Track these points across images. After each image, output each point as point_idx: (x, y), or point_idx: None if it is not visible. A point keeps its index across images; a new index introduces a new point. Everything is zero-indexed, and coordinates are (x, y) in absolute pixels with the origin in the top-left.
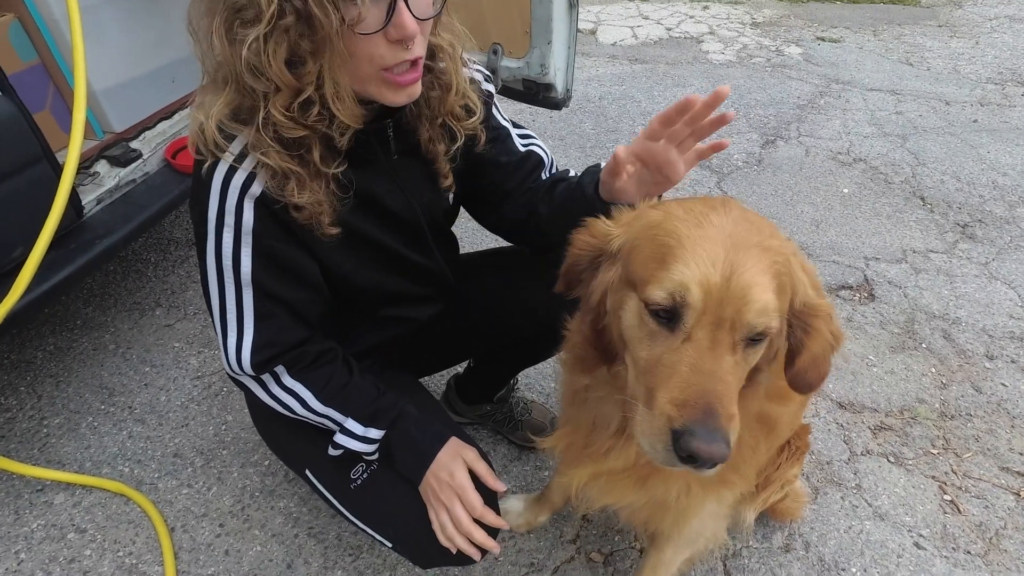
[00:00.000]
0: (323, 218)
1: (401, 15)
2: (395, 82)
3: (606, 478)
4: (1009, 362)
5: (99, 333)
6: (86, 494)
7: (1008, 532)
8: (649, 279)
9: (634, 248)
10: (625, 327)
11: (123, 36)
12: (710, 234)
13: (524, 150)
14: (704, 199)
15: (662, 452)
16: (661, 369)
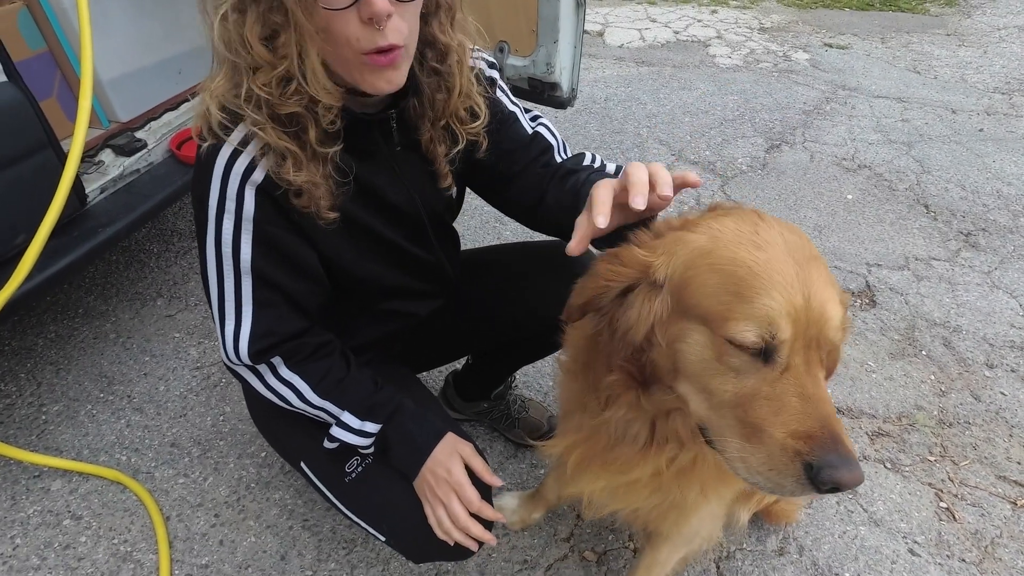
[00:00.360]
0: (321, 202)
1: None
2: (373, 64)
3: (625, 487)
4: (1009, 371)
5: (100, 322)
6: (83, 481)
7: (1004, 541)
8: (728, 314)
9: (690, 279)
10: (690, 361)
11: (131, 26)
12: (773, 255)
13: (531, 132)
14: (734, 212)
15: (791, 485)
16: (763, 403)
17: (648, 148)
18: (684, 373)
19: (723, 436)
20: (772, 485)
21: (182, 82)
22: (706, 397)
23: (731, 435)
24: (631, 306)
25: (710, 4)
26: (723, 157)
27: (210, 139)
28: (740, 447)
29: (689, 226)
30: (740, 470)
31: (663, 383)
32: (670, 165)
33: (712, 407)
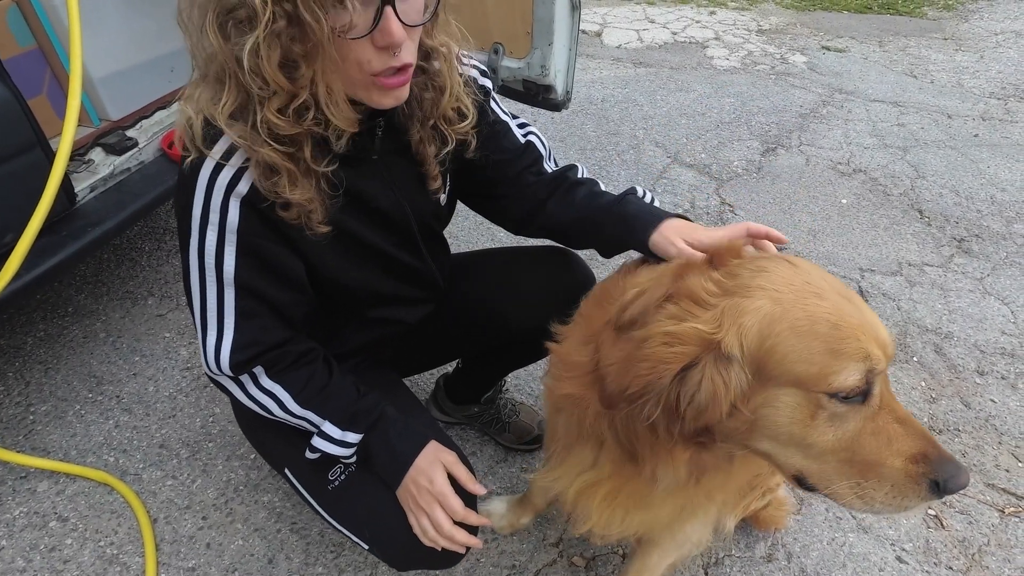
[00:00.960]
0: (313, 216)
1: (388, 21)
2: (383, 85)
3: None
4: (999, 378)
5: (90, 321)
6: (70, 482)
7: (991, 549)
8: (826, 371)
9: (773, 349)
10: (779, 423)
11: (122, 23)
12: (834, 300)
13: (523, 141)
14: (767, 263)
15: (915, 503)
16: (870, 439)
17: (644, 150)
18: (769, 434)
19: (830, 481)
20: (895, 509)
21: (174, 80)
22: (801, 450)
23: (840, 478)
24: (698, 383)
25: (708, 5)
26: (719, 160)
27: (193, 151)
28: (855, 486)
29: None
30: (856, 505)
31: (731, 443)
32: (665, 168)
33: (810, 457)
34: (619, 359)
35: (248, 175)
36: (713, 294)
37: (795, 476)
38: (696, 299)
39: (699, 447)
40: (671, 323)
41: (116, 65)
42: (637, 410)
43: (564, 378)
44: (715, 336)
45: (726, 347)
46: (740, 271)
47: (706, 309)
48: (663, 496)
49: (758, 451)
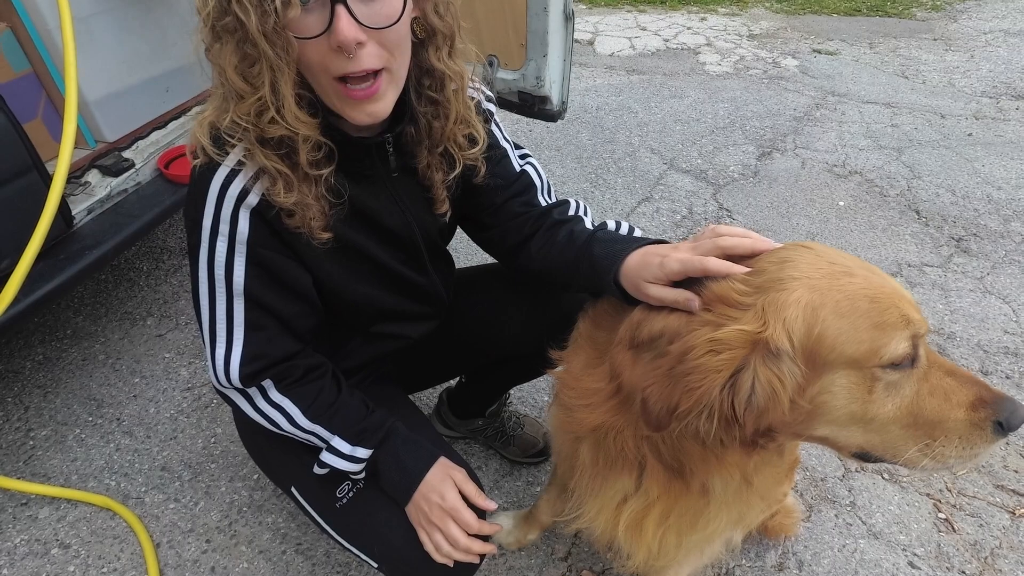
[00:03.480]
0: (313, 223)
1: (338, 19)
2: (349, 96)
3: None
4: (1004, 378)
5: (89, 343)
6: (71, 508)
7: (1003, 551)
8: (876, 343)
9: (822, 335)
10: (838, 406)
11: (117, 45)
12: (862, 274)
13: (519, 169)
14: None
15: (985, 447)
16: (928, 399)
17: (640, 157)
18: (829, 419)
19: (896, 449)
20: (968, 459)
21: (169, 100)
22: (862, 426)
23: (908, 443)
24: (751, 386)
25: (699, 11)
26: (715, 165)
27: (203, 159)
28: (925, 448)
29: (768, 287)
30: (930, 466)
31: (785, 435)
32: (662, 174)
33: (873, 431)
34: (658, 378)
35: (258, 187)
36: (746, 294)
37: (857, 453)
38: (730, 302)
39: (755, 448)
40: (711, 329)
41: (111, 87)
42: (689, 426)
43: (583, 407)
44: (762, 334)
45: (775, 343)
46: (764, 266)
47: (744, 310)
48: (717, 508)
49: (816, 437)
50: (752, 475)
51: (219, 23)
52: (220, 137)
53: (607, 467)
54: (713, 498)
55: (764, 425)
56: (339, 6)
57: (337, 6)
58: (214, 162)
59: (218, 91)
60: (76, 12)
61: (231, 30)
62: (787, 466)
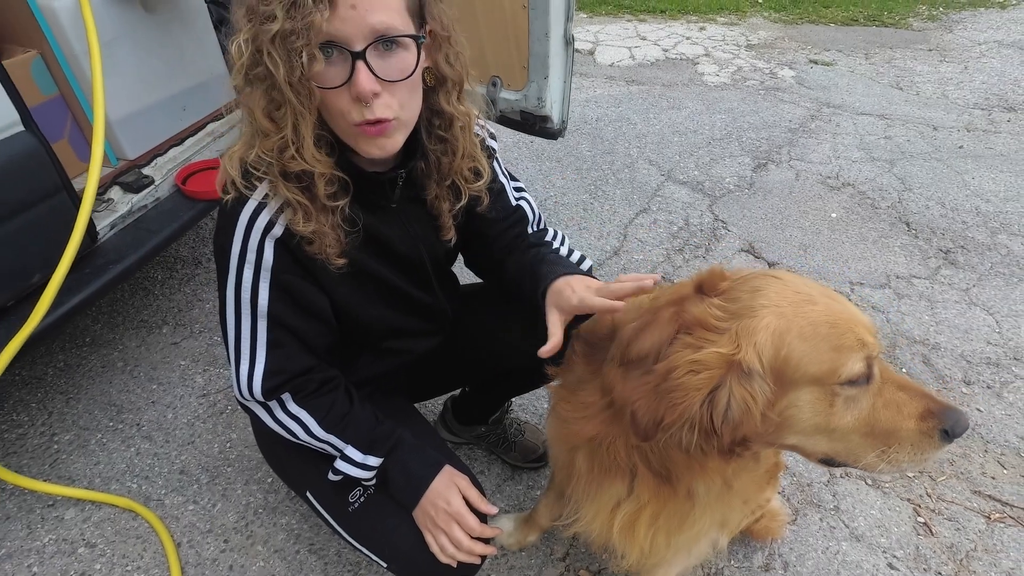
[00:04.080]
0: (329, 250)
1: (358, 74)
2: (365, 132)
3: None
4: (985, 387)
5: (107, 350)
6: (96, 509)
7: (978, 554)
8: (835, 364)
9: (788, 357)
10: (804, 419)
11: (137, 67)
12: (823, 302)
13: (515, 204)
14: (756, 281)
15: (933, 453)
16: (883, 411)
17: (638, 169)
18: (796, 430)
19: (856, 455)
20: (919, 464)
21: (186, 118)
22: (827, 436)
23: (866, 451)
24: (727, 402)
25: (699, 21)
26: (711, 177)
27: (233, 193)
28: (881, 454)
29: (741, 313)
30: (885, 469)
31: (759, 444)
32: (659, 186)
33: (836, 440)
34: (645, 393)
35: (283, 219)
36: (722, 319)
37: (822, 459)
38: (708, 327)
39: (732, 456)
40: (692, 351)
41: (131, 107)
42: (673, 436)
43: (579, 419)
44: (736, 356)
45: (747, 364)
46: (738, 294)
47: (720, 334)
48: (702, 510)
49: (786, 445)
50: (731, 480)
51: (251, 71)
52: (248, 172)
53: (601, 474)
54: (698, 501)
55: (739, 436)
56: (359, 61)
57: (358, 61)
58: (243, 196)
59: (247, 129)
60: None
61: (261, 78)
62: (765, 472)
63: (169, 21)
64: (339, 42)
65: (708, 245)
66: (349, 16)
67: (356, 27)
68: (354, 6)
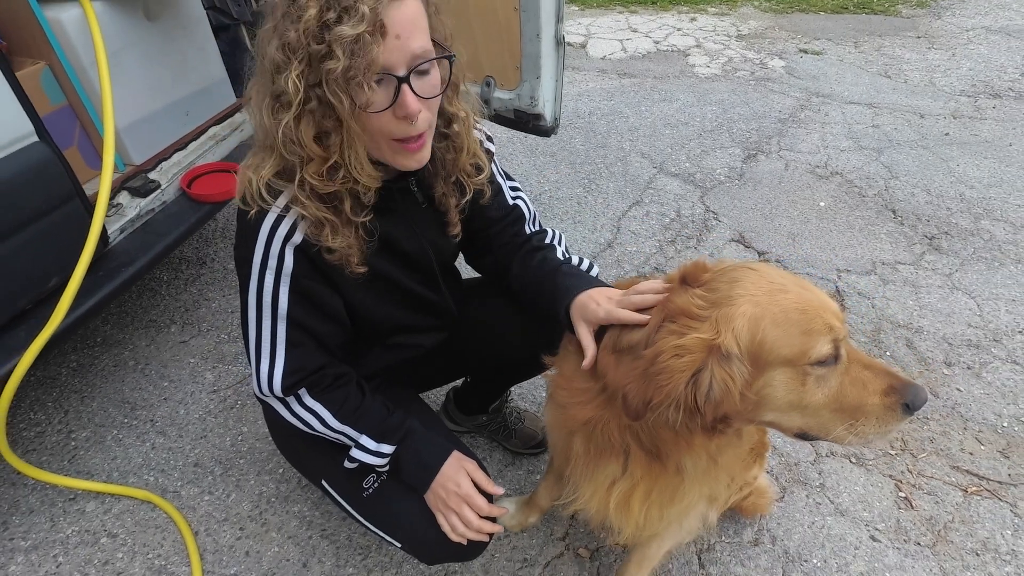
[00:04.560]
0: (352, 259)
1: (404, 96)
2: (405, 150)
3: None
4: (965, 368)
5: (119, 350)
6: (115, 502)
7: (955, 525)
8: (805, 347)
9: (763, 341)
10: (779, 397)
11: (143, 74)
12: (794, 290)
13: (512, 203)
14: (734, 273)
15: (896, 424)
16: (850, 388)
17: (631, 162)
18: (772, 407)
19: (828, 429)
20: (883, 435)
21: (189, 122)
22: (800, 412)
23: (835, 425)
24: (709, 383)
25: (689, 11)
26: (702, 168)
27: (254, 206)
28: (849, 427)
29: (720, 302)
30: (853, 441)
31: (739, 421)
32: (652, 178)
33: (808, 415)
34: (636, 377)
35: (302, 227)
36: (703, 308)
37: (797, 434)
38: (690, 315)
39: (715, 433)
40: (676, 338)
41: (137, 113)
42: (661, 416)
43: (575, 404)
44: (716, 341)
45: (726, 348)
46: (718, 285)
47: (701, 321)
48: (691, 484)
49: (764, 422)
50: (716, 455)
51: (305, 105)
52: (272, 189)
53: (597, 455)
54: (687, 475)
55: (721, 413)
56: (404, 84)
57: (403, 85)
58: (263, 208)
59: (271, 151)
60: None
61: (312, 111)
62: (750, 450)
63: (171, 29)
64: (388, 70)
65: (700, 236)
66: (395, 46)
67: (401, 55)
68: (399, 36)
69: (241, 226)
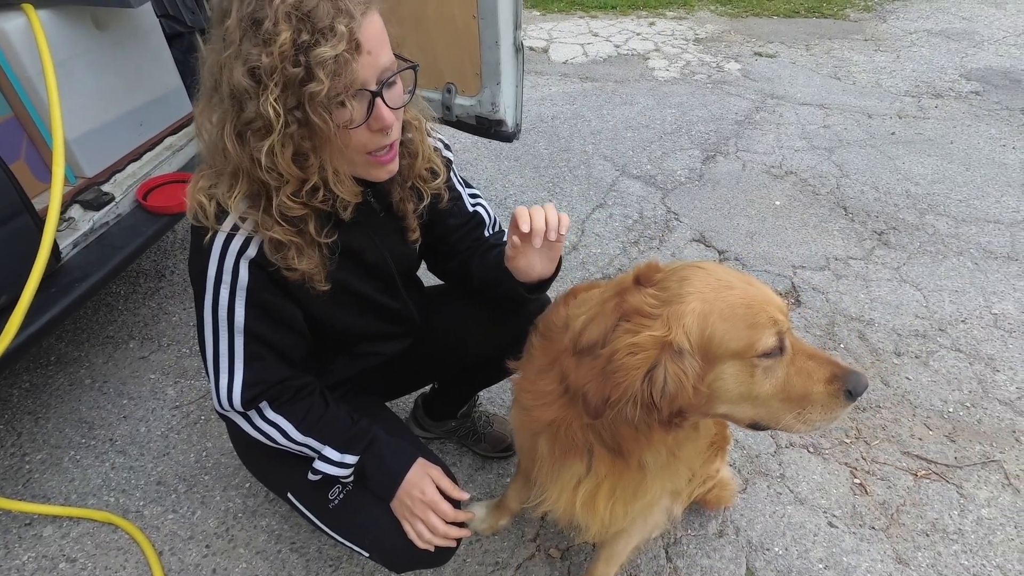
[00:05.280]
0: (316, 279)
1: (379, 110)
2: (378, 162)
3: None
4: (913, 357)
5: (74, 368)
6: (74, 525)
7: (907, 508)
8: (751, 339)
9: (711, 335)
10: (729, 389)
11: (93, 84)
12: (740, 287)
13: (472, 210)
14: (683, 272)
15: (840, 410)
16: (795, 378)
17: (594, 165)
18: (724, 399)
19: (777, 418)
20: (829, 421)
21: (143, 133)
22: (751, 403)
23: (784, 413)
24: (663, 378)
25: (648, 16)
26: (663, 170)
27: (210, 229)
28: (797, 415)
29: (671, 300)
30: (801, 428)
31: (694, 415)
32: (614, 181)
33: (758, 406)
34: (594, 375)
35: (256, 241)
36: (655, 306)
37: (750, 424)
38: (643, 313)
39: (672, 427)
40: (631, 336)
41: (88, 124)
42: (620, 412)
43: (539, 406)
44: (668, 338)
45: (677, 344)
46: (669, 283)
47: (654, 319)
48: (653, 479)
49: (718, 414)
50: (675, 449)
51: (285, 131)
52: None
53: (562, 456)
54: (648, 471)
55: (676, 408)
56: (378, 98)
57: (376, 99)
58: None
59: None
60: (55, 56)
61: (291, 134)
62: (710, 444)
63: (122, 38)
64: (363, 86)
65: (662, 237)
66: (368, 62)
67: (373, 70)
68: (370, 52)
69: (195, 242)
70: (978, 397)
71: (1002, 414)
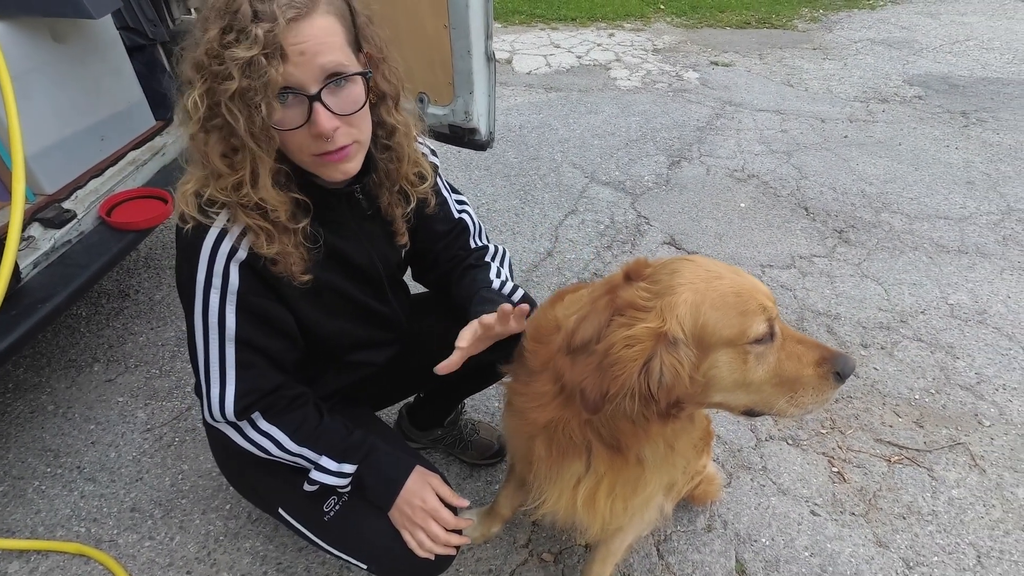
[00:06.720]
0: (294, 268)
1: (316, 114)
2: (327, 161)
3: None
4: (879, 348)
5: (35, 395)
6: (42, 559)
7: (883, 493)
8: (743, 327)
9: (704, 324)
10: (724, 377)
11: (52, 99)
12: (728, 276)
13: (457, 216)
14: (672, 265)
15: (831, 392)
16: (786, 363)
17: (563, 172)
18: (719, 387)
19: (771, 403)
20: (820, 403)
21: (105, 148)
22: (745, 390)
23: (777, 398)
24: (660, 369)
25: (607, 28)
26: (631, 176)
27: (192, 222)
28: (789, 400)
29: (663, 292)
30: (794, 412)
31: (691, 405)
32: (584, 187)
33: (752, 392)
34: (591, 371)
35: (246, 242)
36: (648, 299)
37: (744, 411)
38: (637, 307)
39: (669, 418)
40: (626, 329)
41: (47, 140)
42: (619, 406)
43: (534, 408)
44: (663, 328)
45: (672, 334)
46: (660, 277)
47: (647, 312)
48: (651, 473)
49: (713, 403)
50: (672, 441)
51: (208, 123)
52: (203, 205)
53: (560, 456)
54: (647, 464)
55: (673, 398)
56: (316, 103)
57: (315, 103)
58: (203, 225)
59: (198, 166)
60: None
61: (219, 127)
62: (700, 437)
63: (82, 52)
64: (295, 88)
65: (633, 240)
66: (300, 62)
67: (308, 72)
68: (303, 52)
69: (181, 246)
70: (941, 384)
71: (964, 399)
